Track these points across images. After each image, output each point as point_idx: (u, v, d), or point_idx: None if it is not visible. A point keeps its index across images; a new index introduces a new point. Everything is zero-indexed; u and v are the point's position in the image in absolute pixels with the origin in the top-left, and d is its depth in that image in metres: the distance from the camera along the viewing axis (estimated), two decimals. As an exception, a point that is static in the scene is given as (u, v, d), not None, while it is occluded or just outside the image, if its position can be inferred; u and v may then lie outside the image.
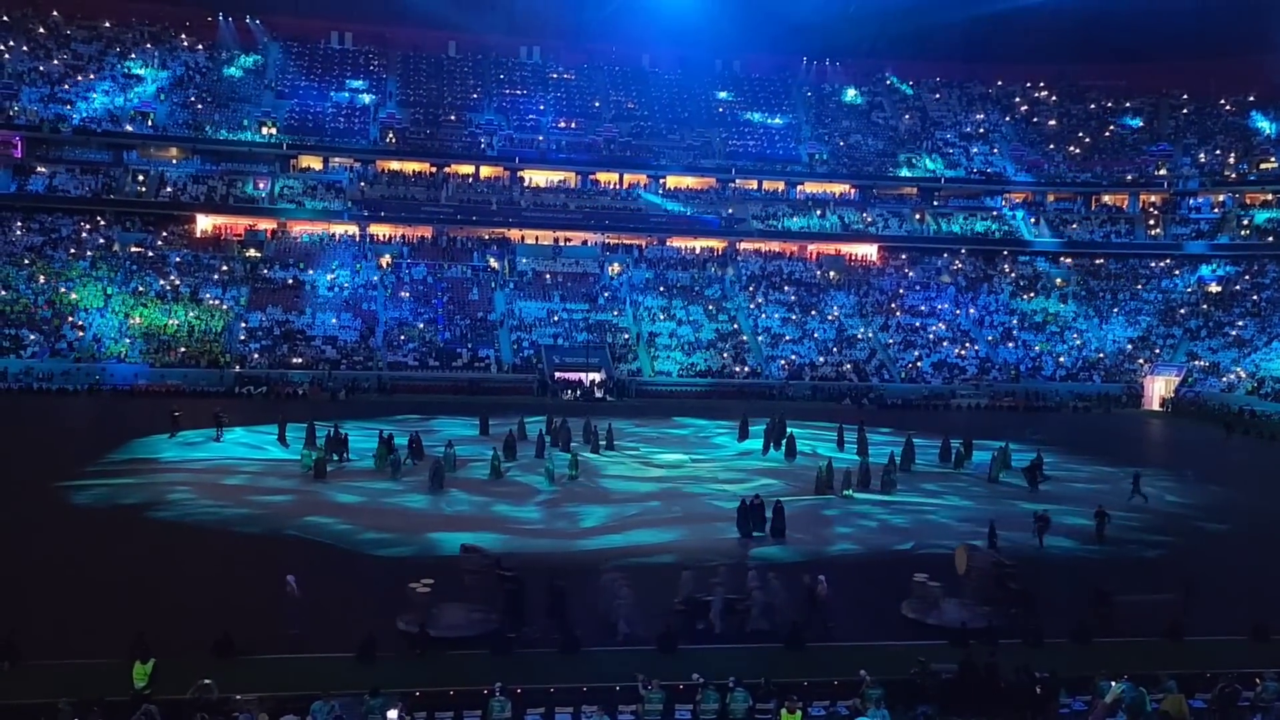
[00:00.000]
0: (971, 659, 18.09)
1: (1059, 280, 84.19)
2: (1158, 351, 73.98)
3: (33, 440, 42.11)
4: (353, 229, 79.24)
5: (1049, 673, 17.54)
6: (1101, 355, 74.87)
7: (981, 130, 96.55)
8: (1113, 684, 16.51)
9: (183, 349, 63.09)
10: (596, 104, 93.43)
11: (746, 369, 69.62)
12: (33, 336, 61.98)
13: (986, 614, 21.51)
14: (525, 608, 20.27)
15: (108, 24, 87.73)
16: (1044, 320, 78.85)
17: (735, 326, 74.36)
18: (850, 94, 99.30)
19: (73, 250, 71.73)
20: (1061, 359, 74.07)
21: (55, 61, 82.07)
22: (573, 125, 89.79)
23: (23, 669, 17.50)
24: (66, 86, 79.98)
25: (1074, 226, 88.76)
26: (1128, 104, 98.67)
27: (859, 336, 74.75)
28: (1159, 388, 68.92)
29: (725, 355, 70.58)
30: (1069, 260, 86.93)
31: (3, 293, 65.30)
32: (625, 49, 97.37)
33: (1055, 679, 17.40)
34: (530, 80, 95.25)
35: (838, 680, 17.58)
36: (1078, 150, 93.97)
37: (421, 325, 69.75)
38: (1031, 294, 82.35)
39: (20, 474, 33.79)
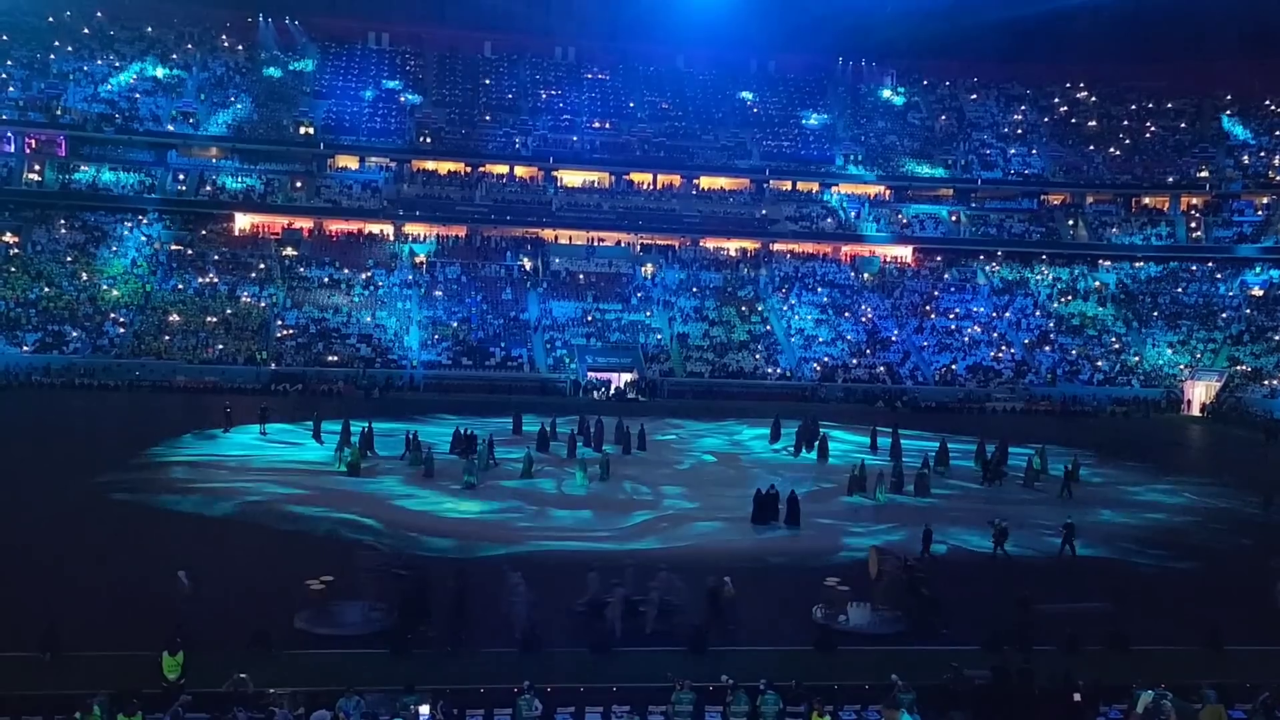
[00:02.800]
0: (1005, 665, 17.90)
1: (1098, 283, 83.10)
2: (1199, 356, 72.81)
3: (75, 435, 42.82)
4: (388, 228, 79.90)
5: (1083, 681, 17.31)
6: (1140, 359, 73.87)
7: (1019, 131, 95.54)
8: (1149, 693, 16.27)
9: (220, 346, 63.87)
10: (631, 104, 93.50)
11: (779, 370, 69.36)
12: (75, 333, 63.04)
13: (895, 619, 21.11)
14: (427, 606, 19.86)
15: (150, 26, 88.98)
16: (1082, 324, 77.89)
17: (768, 328, 74.13)
18: (886, 94, 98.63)
19: (115, 248, 72.90)
20: (1099, 363, 73.13)
21: (99, 62, 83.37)
22: (607, 125, 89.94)
23: (63, 659, 17.80)
24: (110, 86, 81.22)
25: (1114, 229, 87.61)
26: (1169, 104, 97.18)
27: (893, 339, 74.24)
28: (1199, 393, 67.85)
29: (758, 356, 70.37)
30: (1107, 263, 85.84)
31: (46, 289, 66.49)
32: (660, 49, 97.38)
33: (1094, 687, 17.17)
34: (565, 80, 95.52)
35: (870, 684, 17.44)
36: (1117, 151, 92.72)
37: (455, 324, 70.14)
38: (1069, 297, 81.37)
39: (62, 469, 34.36)
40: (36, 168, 76.58)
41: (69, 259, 70.60)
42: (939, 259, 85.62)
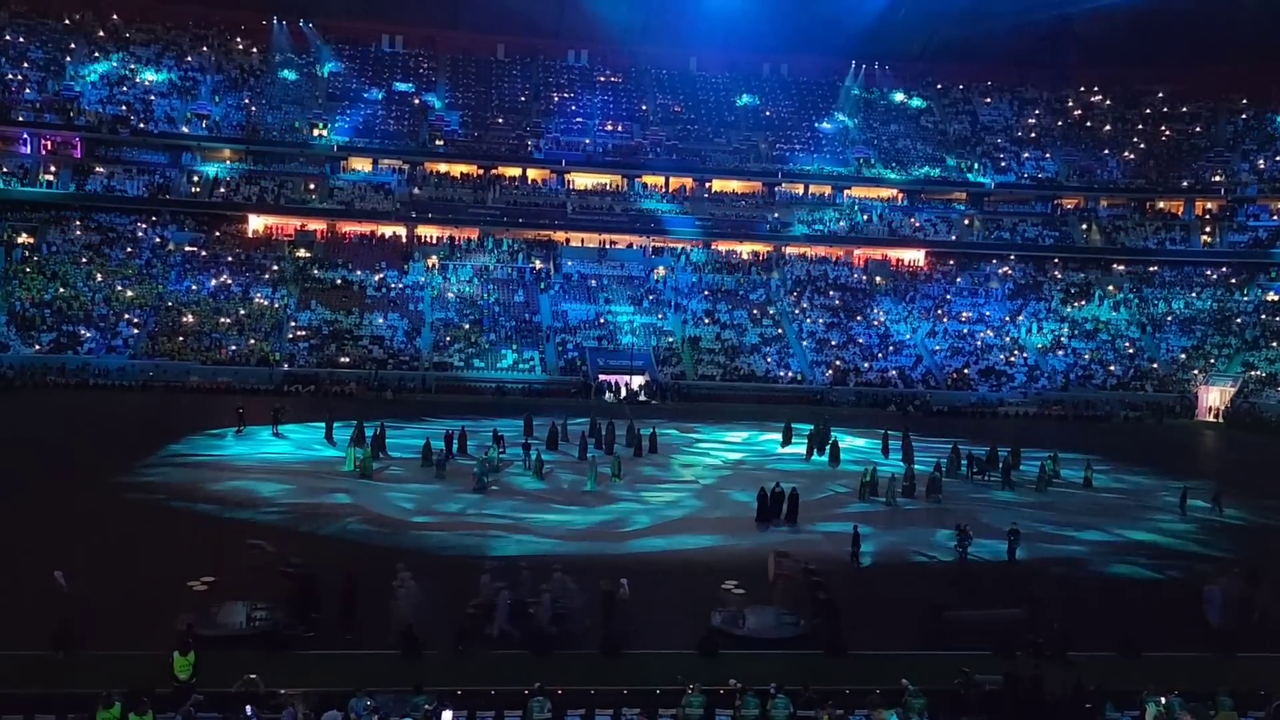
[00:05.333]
0: (1016, 670, 17.86)
1: (1110, 287, 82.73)
2: (1212, 361, 72.43)
3: (89, 435, 43.08)
4: (401, 230, 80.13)
5: (1094, 686, 17.27)
6: (1154, 364, 73.52)
7: (1033, 135, 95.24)
8: (1162, 700, 16.23)
9: (233, 347, 64.15)
10: (643, 107, 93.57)
11: (790, 374, 69.29)
12: (89, 333, 63.41)
13: (792, 624, 20.86)
14: (316, 604, 19.66)
15: (164, 27, 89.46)
16: (1095, 328, 77.59)
17: (780, 331, 74.05)
18: (899, 98, 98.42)
19: (129, 249, 73.33)
20: (1112, 368, 72.81)
21: (115, 64, 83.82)
22: (619, 128, 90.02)
23: (77, 658, 17.92)
24: (125, 88, 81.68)
25: (1127, 233, 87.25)
26: (1184, 109, 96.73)
27: (905, 342, 74.10)
28: (1213, 398, 67.51)
29: (769, 360, 70.30)
30: (1121, 267, 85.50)
31: (62, 290, 66.91)
32: (672, 52, 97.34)
33: (1101, 692, 17.13)
34: (577, 83, 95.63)
35: (880, 688, 17.42)
36: (1132, 155, 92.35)
37: (467, 326, 70.28)
38: (1082, 301, 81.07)
39: (76, 468, 34.58)
40: (52, 169, 77.05)
41: (84, 260, 71.03)
42: (951, 262, 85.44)
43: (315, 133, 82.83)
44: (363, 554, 25.34)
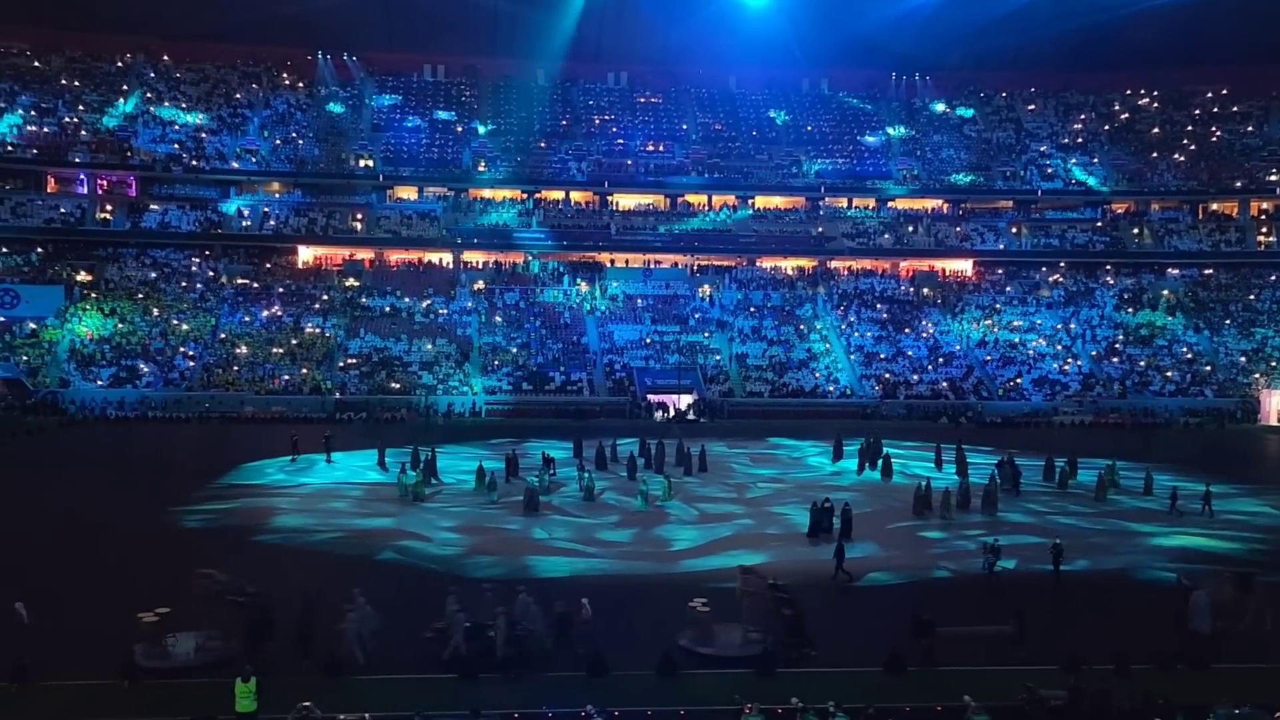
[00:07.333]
0: (1080, 685, 17.44)
1: (1166, 292, 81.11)
2: (1274, 364, 70.63)
3: (149, 466, 43.87)
4: (447, 256, 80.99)
5: (1163, 699, 16.80)
6: (1212, 369, 71.86)
7: (1080, 140, 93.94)
8: (1235, 711, 15.74)
9: (285, 376, 65.11)
10: (684, 126, 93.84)
11: (839, 388, 68.72)
12: (147, 367, 64.76)
13: (759, 640, 20.31)
14: (270, 632, 19.32)
15: (214, 65, 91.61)
16: (1150, 334, 76.07)
17: (827, 346, 73.56)
18: (941, 108, 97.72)
19: (183, 283, 74.93)
20: (1170, 373, 71.29)
21: (166, 104, 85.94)
22: (660, 148, 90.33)
23: (141, 688, 18.19)
24: (176, 127, 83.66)
25: (1180, 236, 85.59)
26: (1234, 108, 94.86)
27: (955, 353, 73.22)
28: (1276, 402, 65.73)
29: (818, 375, 69.82)
30: (1175, 271, 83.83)
31: (120, 325, 68.47)
32: (711, 71, 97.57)
33: (1171, 705, 16.66)
34: (618, 105, 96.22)
35: (941, 706, 17.10)
36: (1183, 158, 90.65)
37: (515, 350, 70.69)
38: (1136, 307, 79.57)
39: (137, 498, 35.23)
40: (108, 208, 79.12)
41: (140, 295, 72.70)
42: (1000, 271, 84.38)
43: (361, 163, 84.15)
44: (409, 577, 25.52)
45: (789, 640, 20.09)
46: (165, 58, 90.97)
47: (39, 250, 75.37)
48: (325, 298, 75.27)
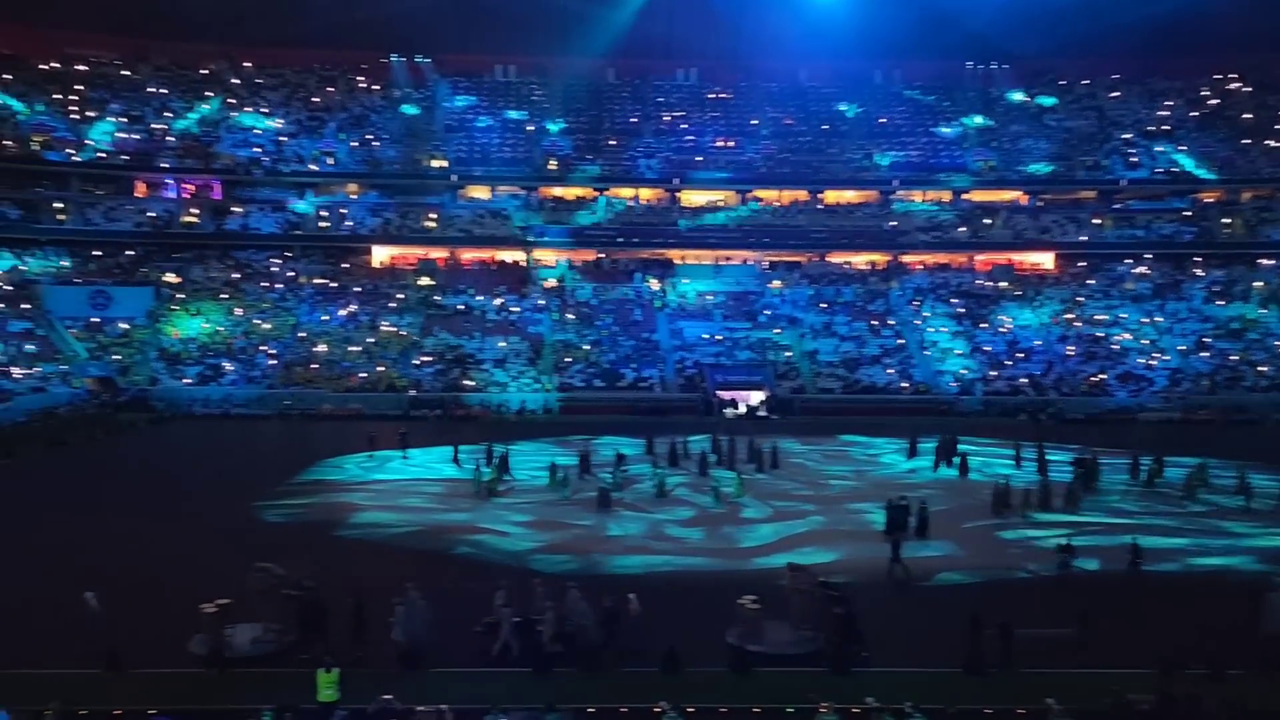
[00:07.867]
0: (1170, 690, 16.90)
1: (1258, 284, 78.13)
2: (1376, 358, 67.61)
3: (232, 461, 45.16)
4: (519, 254, 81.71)
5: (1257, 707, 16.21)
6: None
7: (1165, 127, 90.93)
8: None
9: (363, 374, 66.36)
10: (754, 122, 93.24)
11: (913, 384, 67.66)
12: (231, 365, 66.59)
13: (810, 639, 20.07)
14: (323, 625, 19.73)
15: (292, 70, 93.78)
16: (1242, 327, 73.37)
17: (901, 341, 72.46)
18: (1020, 97, 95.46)
19: (264, 283, 76.89)
20: (1263, 368, 68.68)
21: (247, 109, 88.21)
22: (730, 144, 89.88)
23: (230, 676, 18.73)
24: (258, 131, 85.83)
25: (1274, 225, 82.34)
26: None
27: (1035, 349, 71.53)
28: (1379, 397, 62.91)
29: (891, 371, 68.83)
30: (1269, 262, 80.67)
31: (205, 325, 70.53)
32: (781, 65, 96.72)
33: (1266, 713, 16.06)
34: (688, 102, 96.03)
35: (1023, 708, 16.73)
36: (1276, 144, 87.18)
37: (587, 347, 71.03)
38: (1227, 299, 76.80)
39: (221, 493, 36.25)
40: (194, 211, 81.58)
41: (224, 295, 74.79)
42: (1082, 264, 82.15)
43: (434, 163, 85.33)
44: (482, 572, 25.75)
45: (840, 639, 19.91)
46: (247, 64, 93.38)
47: (129, 253, 78.01)
48: (400, 296, 76.51)
